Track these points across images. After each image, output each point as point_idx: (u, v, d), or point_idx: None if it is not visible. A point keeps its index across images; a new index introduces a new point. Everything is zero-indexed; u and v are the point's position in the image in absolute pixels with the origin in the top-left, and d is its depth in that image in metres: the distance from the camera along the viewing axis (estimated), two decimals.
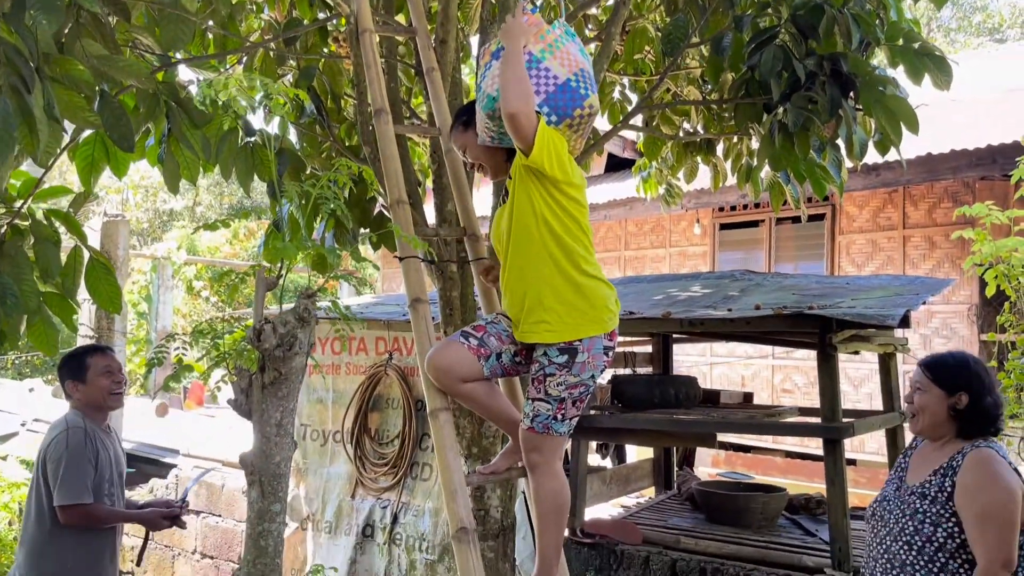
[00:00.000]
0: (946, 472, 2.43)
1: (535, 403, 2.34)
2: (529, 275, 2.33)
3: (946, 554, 2.37)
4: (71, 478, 3.04)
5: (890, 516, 2.51)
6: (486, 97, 2.38)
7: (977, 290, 7.18)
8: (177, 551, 5.76)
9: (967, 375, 2.48)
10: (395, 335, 4.97)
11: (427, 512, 4.57)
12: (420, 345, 2.83)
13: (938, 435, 2.51)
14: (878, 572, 2.51)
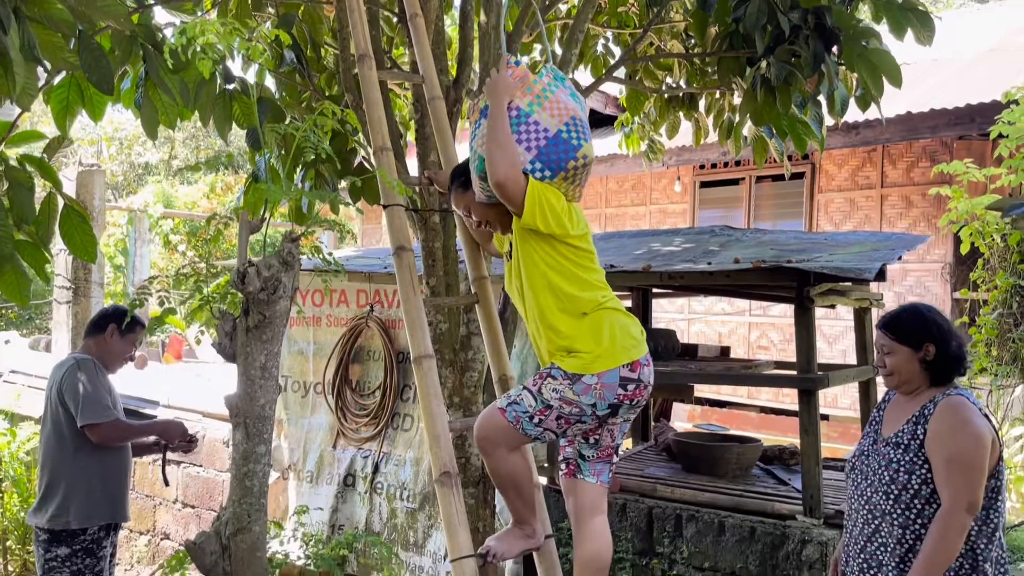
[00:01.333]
0: (918, 420, 2.49)
1: (524, 391, 2.32)
2: (544, 326, 2.35)
3: (921, 500, 2.43)
4: (91, 399, 3.31)
5: (868, 469, 2.58)
6: (477, 158, 2.35)
7: (951, 249, 7.29)
8: (159, 500, 5.79)
9: (927, 327, 2.54)
10: (376, 287, 4.97)
11: (408, 462, 4.62)
12: (404, 294, 2.84)
13: (914, 388, 2.56)
14: (859, 523, 2.58)
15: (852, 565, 2.59)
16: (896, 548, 2.46)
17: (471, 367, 3.61)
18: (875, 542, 2.52)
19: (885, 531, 2.49)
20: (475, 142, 2.38)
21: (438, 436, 2.69)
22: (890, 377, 2.58)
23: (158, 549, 5.74)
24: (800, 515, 3.60)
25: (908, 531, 2.44)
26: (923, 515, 2.42)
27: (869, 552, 2.53)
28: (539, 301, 2.34)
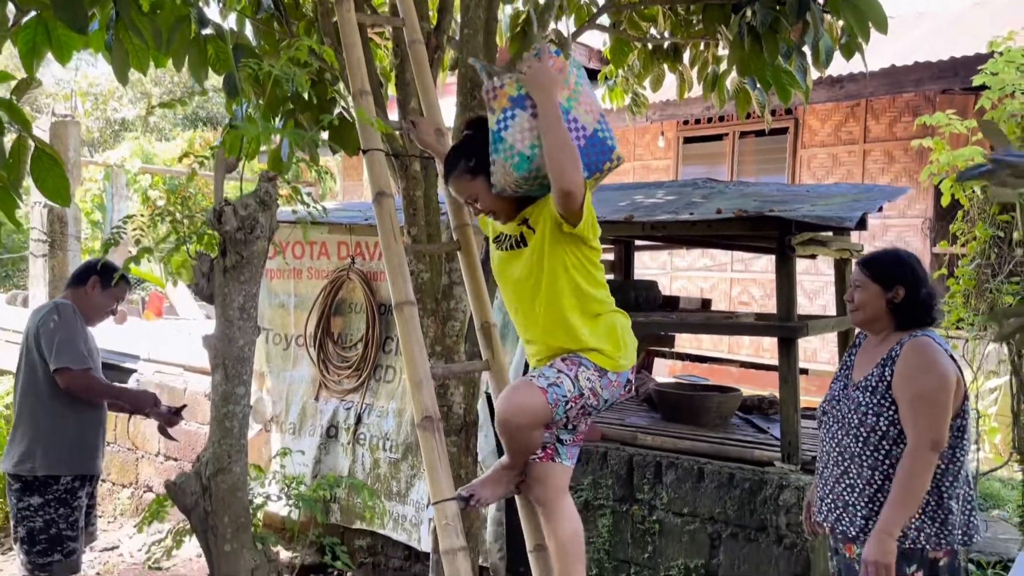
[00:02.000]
0: (885, 363, 2.55)
1: (561, 374, 2.27)
2: (559, 327, 2.29)
3: (889, 441, 2.49)
4: (66, 344, 3.26)
5: (839, 413, 2.63)
6: (517, 155, 2.21)
7: (932, 204, 7.32)
8: (141, 454, 5.79)
9: (902, 270, 2.59)
10: (357, 239, 4.94)
11: (391, 413, 4.64)
12: (385, 240, 2.81)
13: (878, 329, 2.63)
14: (831, 466, 2.63)
15: (822, 506, 2.65)
16: (865, 488, 2.52)
17: (453, 316, 3.60)
18: (843, 483, 2.58)
19: (854, 472, 2.55)
20: (508, 135, 2.22)
21: (420, 382, 2.69)
22: (856, 312, 2.64)
23: (141, 502, 5.75)
24: (778, 461, 3.65)
25: (877, 472, 2.50)
26: (891, 456, 2.48)
27: (838, 493, 2.59)
28: (561, 302, 2.28)
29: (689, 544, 3.73)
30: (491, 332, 3.01)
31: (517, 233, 2.35)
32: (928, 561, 2.45)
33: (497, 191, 2.29)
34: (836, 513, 2.58)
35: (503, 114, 2.25)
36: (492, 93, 2.28)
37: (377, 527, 4.60)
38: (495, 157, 2.24)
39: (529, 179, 2.22)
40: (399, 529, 4.52)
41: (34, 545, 3.30)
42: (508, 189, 2.26)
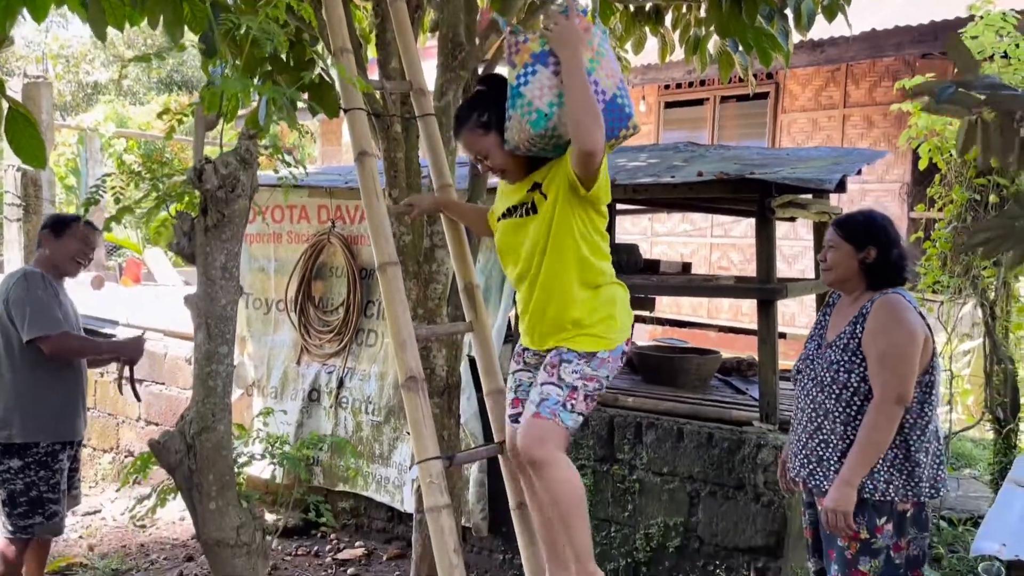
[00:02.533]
0: (857, 321, 2.60)
1: (544, 387, 2.26)
2: (560, 290, 2.27)
3: (860, 397, 2.55)
4: (38, 312, 3.25)
5: (813, 372, 2.68)
6: (535, 111, 2.17)
7: (909, 169, 7.37)
8: (121, 419, 5.77)
9: (874, 231, 2.63)
10: (338, 203, 4.90)
11: (373, 376, 4.65)
12: (367, 200, 2.80)
13: (850, 288, 2.67)
14: (805, 422, 2.69)
15: (795, 461, 2.71)
16: (838, 444, 2.57)
17: (435, 279, 3.60)
18: (816, 438, 2.63)
19: (827, 428, 2.60)
20: (527, 90, 2.17)
21: (404, 342, 2.70)
22: (828, 272, 2.68)
23: (122, 466, 5.75)
24: (756, 421, 3.71)
25: (849, 427, 2.56)
26: (862, 412, 2.54)
27: (811, 448, 2.64)
28: (564, 272, 2.26)
29: (668, 502, 3.79)
30: (474, 294, 3.02)
31: (529, 200, 2.32)
32: (896, 513, 2.52)
33: (510, 148, 2.25)
34: (810, 468, 2.64)
35: (524, 69, 2.20)
36: (515, 48, 2.24)
37: (360, 489, 4.64)
38: (512, 112, 2.20)
39: (545, 137, 2.18)
40: (382, 491, 4.55)
41: (15, 507, 3.30)
42: (522, 146, 2.23)
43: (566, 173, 2.18)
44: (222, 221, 1.98)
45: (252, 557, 2.09)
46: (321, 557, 4.41)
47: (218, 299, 2.02)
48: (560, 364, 2.26)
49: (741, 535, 3.59)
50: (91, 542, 4.60)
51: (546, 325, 2.33)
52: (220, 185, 1.96)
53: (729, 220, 8.47)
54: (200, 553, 4.40)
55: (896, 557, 2.53)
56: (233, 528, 2.06)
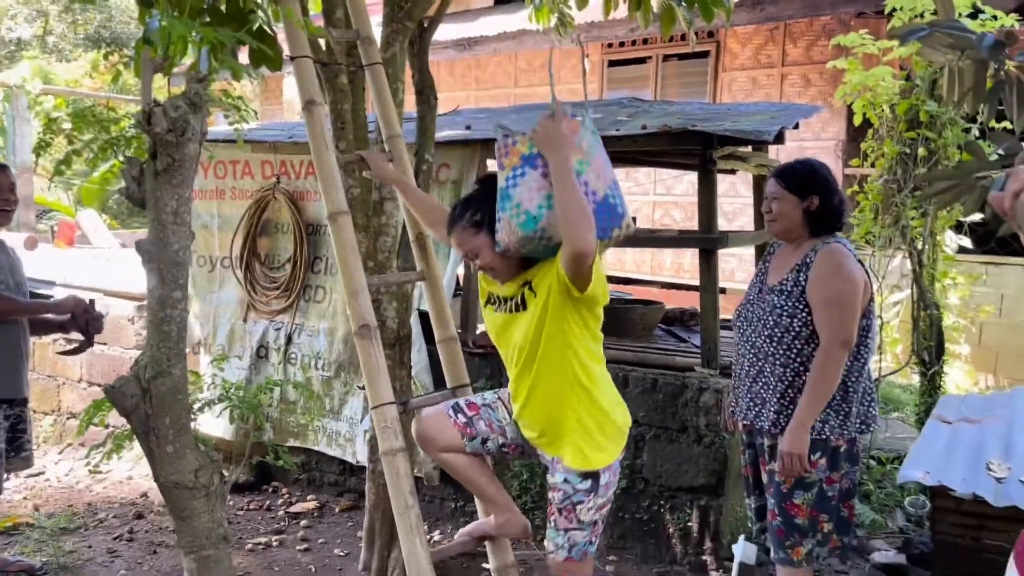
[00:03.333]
0: (800, 268, 2.68)
1: (569, 533, 2.36)
2: (553, 398, 2.32)
3: (801, 341, 2.65)
4: None
5: (754, 316, 2.78)
6: (523, 213, 2.17)
7: (845, 126, 7.58)
8: (62, 380, 5.66)
9: (815, 179, 2.70)
10: (282, 158, 4.85)
11: (322, 332, 4.65)
12: (316, 149, 2.80)
13: (794, 236, 2.74)
14: (746, 366, 2.80)
15: (741, 404, 2.83)
16: (777, 385, 2.68)
17: (385, 232, 3.62)
18: (759, 382, 2.74)
19: (768, 371, 2.70)
20: (517, 192, 2.19)
21: (356, 291, 2.73)
22: (773, 223, 2.75)
23: (64, 428, 5.66)
24: (698, 367, 3.84)
25: (788, 369, 2.66)
26: (802, 354, 2.65)
27: (755, 391, 2.75)
28: (562, 366, 2.30)
29: None
30: (425, 243, 3.06)
31: (518, 295, 2.34)
32: (830, 449, 2.66)
33: (501, 249, 2.27)
34: (755, 410, 2.76)
35: (512, 172, 2.22)
36: (504, 150, 2.26)
37: (311, 444, 4.66)
38: (502, 214, 2.22)
39: (534, 239, 2.20)
40: (333, 445, 4.59)
41: None
42: (512, 248, 2.24)
43: (557, 274, 2.19)
44: (172, 165, 1.97)
45: (211, 499, 2.12)
46: (274, 511, 4.44)
47: (170, 244, 2.02)
48: (575, 508, 2.34)
49: (684, 475, 3.74)
50: (36, 502, 4.54)
51: (544, 429, 2.40)
52: (170, 128, 1.95)
53: (671, 178, 8.61)
54: (150, 511, 4.40)
55: (829, 490, 2.68)
56: (191, 471, 2.08)
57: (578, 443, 2.35)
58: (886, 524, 4.11)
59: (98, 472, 4.36)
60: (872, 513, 4.12)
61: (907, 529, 4.03)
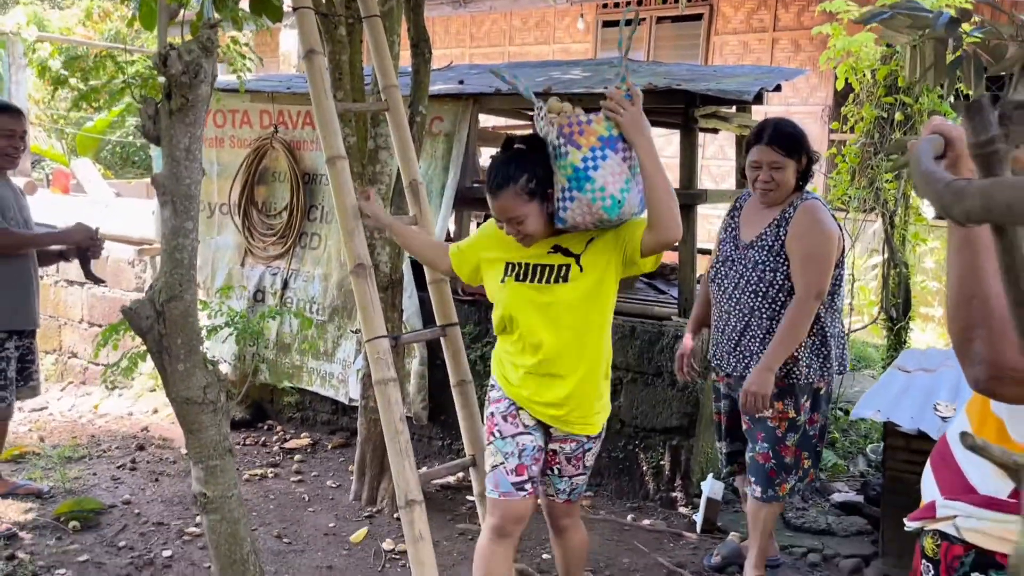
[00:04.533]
0: (780, 223, 2.79)
1: (573, 479, 2.54)
2: (599, 373, 2.43)
3: (784, 293, 2.78)
4: None
5: (734, 273, 2.88)
6: (609, 198, 2.17)
7: (831, 92, 7.73)
8: (63, 320, 5.84)
9: (801, 140, 2.79)
10: (280, 108, 4.98)
11: (317, 277, 4.83)
12: (316, 97, 2.96)
13: (785, 198, 2.81)
14: (731, 323, 2.90)
15: (730, 359, 2.93)
16: (765, 338, 2.81)
17: (378, 179, 3.78)
18: (746, 336, 2.85)
19: (755, 325, 2.83)
20: (597, 175, 2.17)
21: (352, 231, 2.91)
22: (774, 192, 2.78)
23: (66, 367, 5.85)
24: (675, 316, 4.04)
25: (774, 322, 2.79)
26: (785, 306, 2.77)
27: (743, 346, 2.87)
28: (600, 357, 2.40)
29: None
30: (418, 190, 3.22)
31: (555, 265, 2.33)
32: (813, 391, 2.87)
33: (564, 225, 2.27)
34: (745, 363, 2.87)
35: (591, 152, 2.19)
36: (577, 128, 2.23)
37: (305, 384, 4.87)
38: (578, 194, 2.20)
39: (611, 222, 2.23)
40: (326, 385, 4.79)
41: None
42: (582, 225, 2.25)
43: (624, 251, 2.26)
44: (186, 105, 2.13)
45: (218, 414, 2.32)
46: (269, 447, 4.66)
47: (183, 178, 2.18)
48: (584, 455, 2.51)
49: (658, 417, 3.96)
50: (41, 434, 4.74)
51: (584, 409, 2.42)
52: (184, 71, 2.10)
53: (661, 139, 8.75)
54: (151, 444, 4.61)
55: (810, 429, 2.90)
56: (200, 387, 2.27)
57: (602, 412, 2.50)
58: (848, 469, 4.36)
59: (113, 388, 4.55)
60: (836, 458, 4.37)
61: (867, 473, 4.27)
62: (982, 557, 1.32)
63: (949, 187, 0.69)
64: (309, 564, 3.32)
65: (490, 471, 2.46)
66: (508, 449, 2.43)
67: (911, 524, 1.49)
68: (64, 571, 3.17)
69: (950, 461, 1.41)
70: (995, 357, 1.14)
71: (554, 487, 2.57)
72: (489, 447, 2.49)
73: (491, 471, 2.46)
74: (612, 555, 3.46)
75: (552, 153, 2.27)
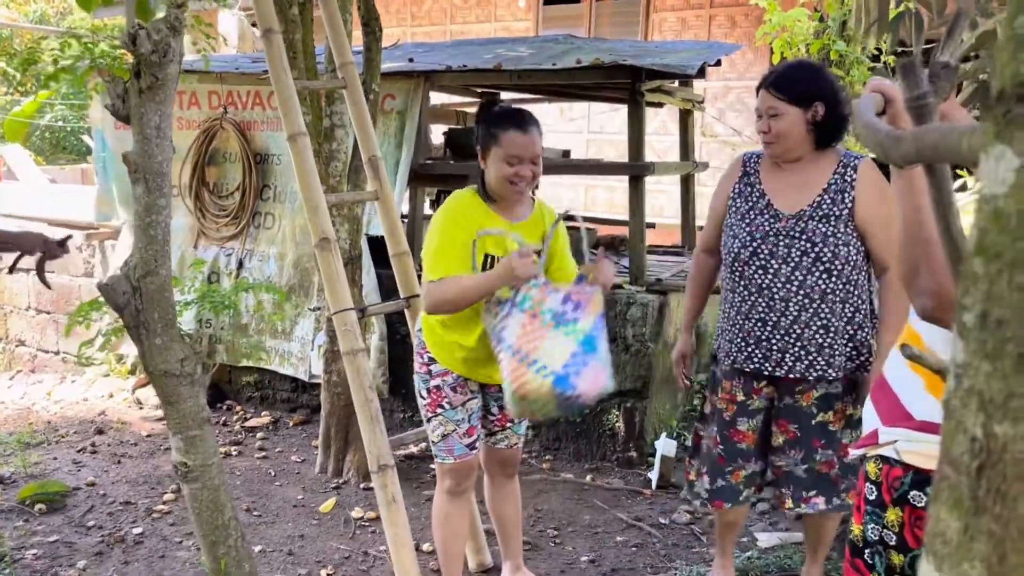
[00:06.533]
0: (841, 188, 2.33)
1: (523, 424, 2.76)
2: None
3: (857, 271, 2.36)
4: None
5: (788, 250, 2.36)
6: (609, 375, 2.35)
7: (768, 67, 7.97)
8: (10, 308, 5.74)
9: (818, 84, 2.31)
10: (229, 89, 4.96)
11: (272, 257, 4.85)
12: (275, 75, 3.01)
13: (795, 156, 2.36)
14: (792, 311, 2.37)
15: (785, 359, 2.40)
16: (844, 326, 2.38)
17: (335, 157, 3.83)
18: (814, 325, 2.35)
19: (826, 311, 2.35)
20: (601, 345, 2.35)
21: (316, 206, 2.98)
22: (774, 144, 2.35)
23: (14, 355, 5.76)
24: (627, 284, 4.20)
25: (848, 305, 2.37)
26: (858, 286, 2.37)
27: (807, 337, 2.37)
28: None
29: None
30: (378, 165, 3.30)
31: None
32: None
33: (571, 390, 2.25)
34: (808, 360, 2.37)
35: (597, 320, 2.34)
36: (585, 296, 2.33)
37: (264, 364, 4.90)
38: (595, 362, 2.28)
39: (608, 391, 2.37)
40: (286, 364, 4.84)
41: None
42: (586, 397, 2.31)
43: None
44: (156, 84, 2.17)
45: (195, 386, 2.38)
46: (230, 426, 4.69)
47: (154, 156, 2.23)
48: None
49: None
50: None
51: None
52: (153, 50, 2.14)
53: (603, 114, 8.91)
54: (110, 427, 4.60)
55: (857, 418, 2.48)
56: (177, 360, 2.33)
57: None
58: None
59: (87, 364, 4.52)
60: None
61: None
62: (919, 476, 1.49)
63: (888, 135, 0.82)
64: (281, 534, 3.40)
65: (440, 440, 2.62)
66: (459, 416, 2.59)
67: (855, 452, 1.66)
68: (35, 551, 3.19)
69: (887, 391, 1.58)
70: (938, 289, 1.30)
71: (516, 435, 2.76)
72: (436, 419, 2.60)
73: (441, 440, 2.61)
74: (573, 513, 3.62)
75: (551, 321, 2.27)
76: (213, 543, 2.48)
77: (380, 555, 3.22)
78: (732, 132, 7.53)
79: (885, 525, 1.55)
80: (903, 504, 1.52)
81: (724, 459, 2.60)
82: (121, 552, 3.23)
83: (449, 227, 2.44)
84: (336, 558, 3.21)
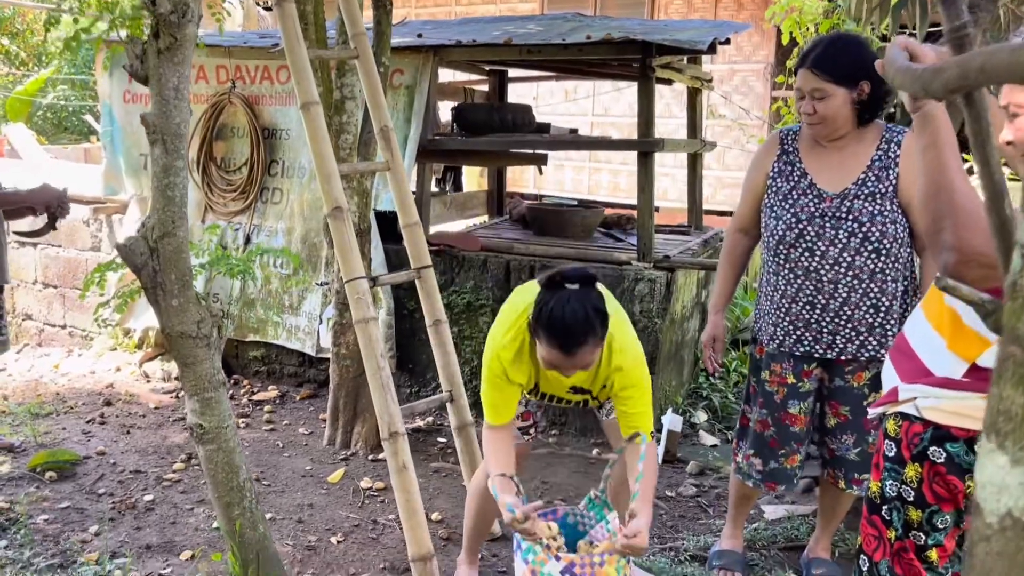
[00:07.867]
0: (885, 165, 2.29)
1: None
2: None
3: (905, 249, 2.34)
4: None
5: (836, 231, 2.31)
6: None
7: (774, 50, 7.95)
8: (16, 282, 5.74)
9: (863, 63, 2.19)
10: (237, 63, 4.96)
11: (280, 232, 4.86)
12: (289, 44, 3.00)
13: (840, 134, 2.31)
14: (841, 293, 2.33)
15: (836, 340, 2.38)
16: (893, 305, 2.34)
17: (346, 129, 3.84)
18: (863, 306, 2.33)
19: (876, 290, 2.32)
20: None
21: (329, 175, 2.99)
22: (820, 126, 2.29)
23: (20, 329, 5.77)
24: (635, 261, 4.21)
25: (898, 283, 2.34)
26: (901, 262, 2.33)
27: (858, 318, 2.34)
28: None
29: None
30: (389, 136, 3.30)
31: (575, 399, 2.56)
32: None
33: None
34: (859, 340, 2.35)
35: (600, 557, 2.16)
36: (591, 569, 2.13)
37: (271, 338, 4.92)
38: None
39: None
40: (293, 339, 4.85)
41: None
42: None
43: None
44: (174, 44, 2.18)
45: (211, 348, 2.40)
46: (237, 399, 4.71)
47: (172, 117, 2.23)
48: None
49: None
50: (3, 393, 4.71)
51: None
52: (172, 10, 2.14)
53: (608, 95, 8.90)
54: (118, 399, 4.62)
55: None
56: (194, 322, 2.35)
57: None
58: None
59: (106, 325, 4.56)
60: None
61: None
62: (939, 432, 1.51)
63: (927, 69, 0.83)
64: (290, 503, 3.42)
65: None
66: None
67: (874, 411, 1.67)
68: (47, 516, 3.21)
69: (908, 351, 1.59)
70: (961, 244, 1.31)
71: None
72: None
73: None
74: (581, 486, 3.64)
75: None
76: (228, 504, 2.51)
77: (390, 523, 3.24)
78: (741, 113, 7.52)
79: (904, 481, 1.56)
80: (922, 460, 1.53)
81: (776, 442, 2.55)
82: (133, 518, 3.26)
83: (498, 383, 2.37)
84: (346, 526, 3.24)
